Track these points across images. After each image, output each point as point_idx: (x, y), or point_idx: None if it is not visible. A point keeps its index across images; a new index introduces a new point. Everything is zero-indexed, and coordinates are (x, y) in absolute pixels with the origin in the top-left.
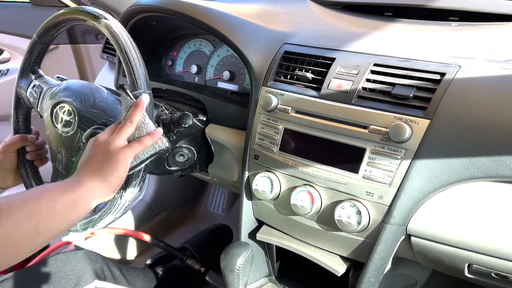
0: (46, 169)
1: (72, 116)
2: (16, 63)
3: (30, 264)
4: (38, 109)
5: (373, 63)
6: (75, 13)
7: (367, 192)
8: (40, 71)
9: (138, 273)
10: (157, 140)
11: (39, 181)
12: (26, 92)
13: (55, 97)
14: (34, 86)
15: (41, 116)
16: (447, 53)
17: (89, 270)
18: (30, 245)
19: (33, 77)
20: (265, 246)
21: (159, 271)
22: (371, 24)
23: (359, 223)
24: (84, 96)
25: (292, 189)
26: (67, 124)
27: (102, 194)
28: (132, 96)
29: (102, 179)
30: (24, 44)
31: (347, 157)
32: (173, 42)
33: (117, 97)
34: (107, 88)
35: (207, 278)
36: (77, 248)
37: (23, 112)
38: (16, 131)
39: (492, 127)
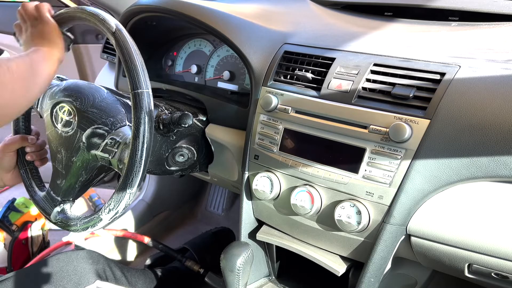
0: (46, 169)
1: (72, 116)
2: None
3: (30, 263)
4: (38, 109)
5: (373, 63)
6: (76, 13)
7: (367, 192)
8: None
9: (139, 274)
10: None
11: (39, 181)
12: None
13: (55, 97)
14: None
15: (41, 116)
16: (447, 53)
17: (91, 270)
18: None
19: None
20: (265, 246)
21: (159, 272)
22: (371, 24)
23: (359, 223)
24: (84, 96)
25: (292, 189)
26: (67, 124)
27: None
28: None
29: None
30: None
31: (347, 157)
32: (173, 42)
33: (117, 96)
34: (107, 88)
35: (206, 279)
36: (78, 248)
37: (23, 113)
38: (16, 131)
39: (492, 127)
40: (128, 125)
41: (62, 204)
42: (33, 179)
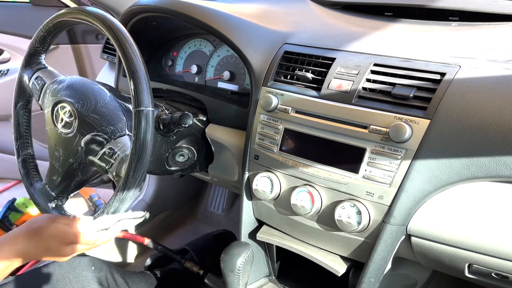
0: (44, 169)
1: (72, 118)
2: (16, 63)
3: (30, 263)
4: (40, 102)
5: (373, 63)
6: (82, 14)
7: (367, 192)
8: (44, 62)
9: (140, 279)
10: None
11: (36, 172)
12: (29, 82)
13: (57, 95)
14: (37, 77)
15: (41, 109)
16: (447, 53)
17: (93, 278)
18: None
19: (37, 66)
20: (265, 246)
21: (159, 274)
22: (371, 24)
23: (359, 223)
24: (86, 98)
25: (292, 189)
26: (66, 125)
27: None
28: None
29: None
30: (24, 44)
31: (347, 157)
32: (173, 42)
33: (119, 100)
34: (111, 89)
35: (206, 280)
36: None
37: (24, 101)
38: (17, 124)
39: (492, 127)
40: (128, 134)
41: (56, 201)
42: (30, 169)
